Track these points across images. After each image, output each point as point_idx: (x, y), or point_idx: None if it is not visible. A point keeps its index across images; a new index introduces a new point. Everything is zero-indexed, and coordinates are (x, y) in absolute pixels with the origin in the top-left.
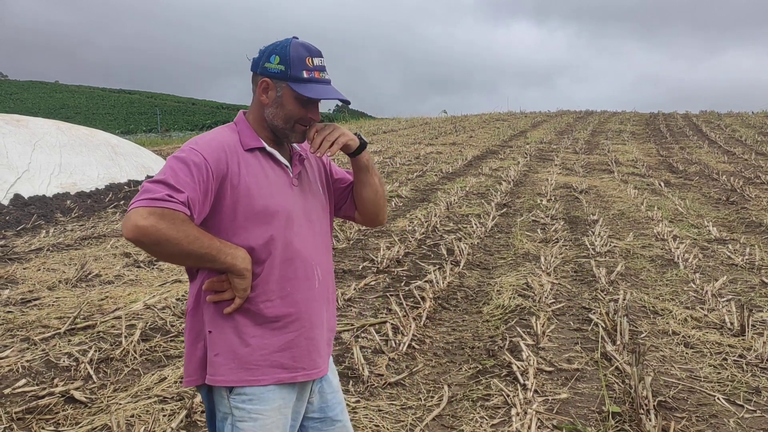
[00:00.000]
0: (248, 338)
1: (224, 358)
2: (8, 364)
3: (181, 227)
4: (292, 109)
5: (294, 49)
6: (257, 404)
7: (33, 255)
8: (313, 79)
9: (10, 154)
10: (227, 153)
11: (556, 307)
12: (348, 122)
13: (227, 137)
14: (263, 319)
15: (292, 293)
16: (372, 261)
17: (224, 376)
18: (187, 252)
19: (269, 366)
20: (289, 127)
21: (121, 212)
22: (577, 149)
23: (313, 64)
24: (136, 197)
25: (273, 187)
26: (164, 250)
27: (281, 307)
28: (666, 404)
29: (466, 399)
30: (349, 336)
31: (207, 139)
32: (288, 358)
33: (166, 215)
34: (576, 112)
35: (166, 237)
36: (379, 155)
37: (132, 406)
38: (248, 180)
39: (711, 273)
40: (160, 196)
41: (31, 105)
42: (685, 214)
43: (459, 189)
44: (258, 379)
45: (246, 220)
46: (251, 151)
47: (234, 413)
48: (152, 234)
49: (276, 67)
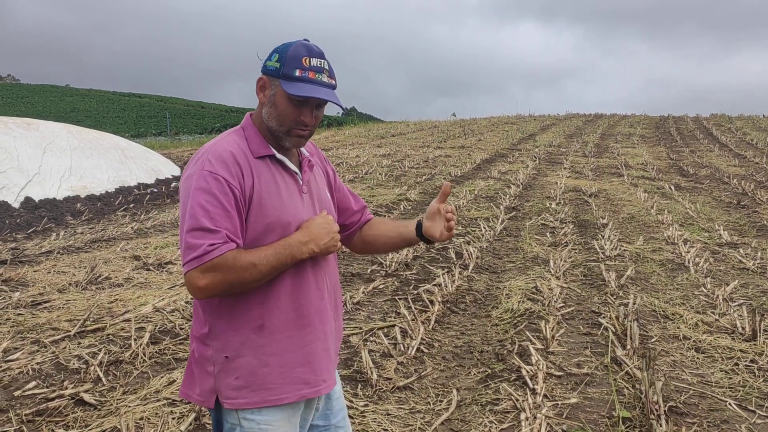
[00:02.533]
0: (267, 357)
1: (245, 381)
2: (18, 366)
3: (236, 265)
4: (284, 109)
5: (294, 48)
6: (266, 415)
7: (43, 258)
8: (305, 78)
9: (21, 157)
10: (241, 165)
11: (566, 311)
12: (356, 125)
13: (237, 146)
14: (279, 335)
15: (304, 305)
16: (380, 264)
17: (246, 399)
18: (263, 273)
19: (291, 383)
20: (284, 131)
21: (131, 215)
22: (587, 152)
23: (309, 64)
24: (183, 258)
25: (284, 196)
26: (238, 288)
27: (295, 320)
28: (677, 409)
29: (474, 403)
30: (357, 339)
31: (219, 152)
32: (309, 373)
33: (217, 266)
34: (585, 116)
35: (229, 281)
36: (388, 158)
37: (141, 409)
38: (261, 190)
39: (722, 277)
40: (203, 250)
41: (42, 108)
42: (696, 218)
43: (468, 192)
44: (281, 398)
45: (257, 232)
46: (261, 159)
47: (243, 425)
48: (217, 286)
49: (273, 65)
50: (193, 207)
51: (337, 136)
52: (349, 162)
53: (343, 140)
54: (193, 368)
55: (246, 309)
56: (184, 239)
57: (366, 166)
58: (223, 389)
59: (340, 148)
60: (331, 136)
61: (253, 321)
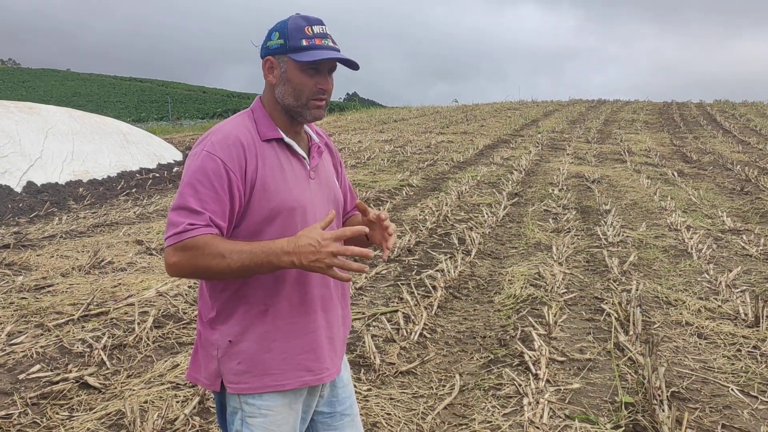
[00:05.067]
0: (270, 343)
1: (247, 366)
2: (23, 350)
3: (205, 250)
4: (300, 81)
5: (292, 22)
6: (268, 400)
7: (46, 242)
8: (314, 45)
9: (23, 141)
10: (245, 148)
11: (568, 297)
12: (358, 111)
13: (244, 129)
14: (283, 321)
15: (309, 292)
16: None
17: (248, 384)
18: (230, 267)
19: (293, 369)
20: (302, 104)
21: (133, 200)
22: (590, 138)
23: (312, 32)
24: (165, 232)
25: (290, 181)
26: (205, 274)
27: (299, 308)
28: (679, 395)
29: (477, 388)
30: (360, 324)
31: (223, 134)
32: (312, 360)
33: (188, 246)
34: (588, 101)
35: (195, 265)
36: (390, 144)
37: (145, 392)
38: (264, 174)
39: (725, 263)
40: (182, 228)
41: (43, 93)
42: (699, 204)
43: (470, 178)
44: (282, 383)
45: (261, 217)
46: (269, 142)
47: (244, 408)
48: (184, 267)
49: (276, 43)
50: (184, 185)
51: (339, 121)
52: (352, 148)
53: (345, 126)
54: (198, 351)
55: (251, 294)
56: (169, 215)
57: (368, 151)
58: (226, 373)
59: (342, 134)
60: (334, 122)
61: (257, 306)
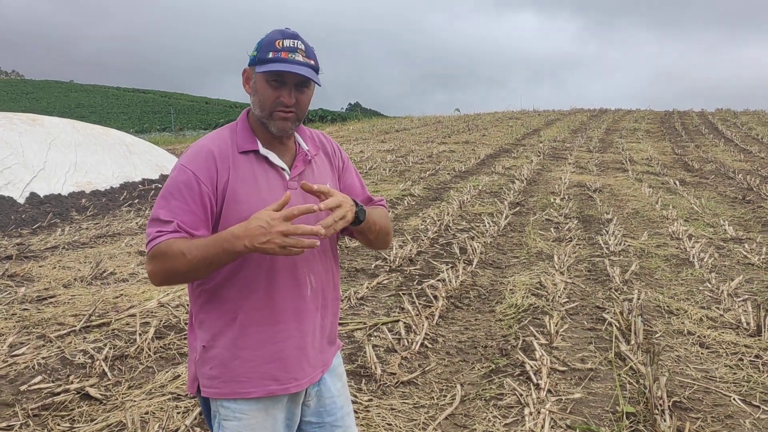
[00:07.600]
0: (238, 351)
1: (217, 371)
2: (24, 361)
3: (168, 253)
4: (263, 93)
5: (268, 35)
6: (241, 404)
7: (48, 253)
8: (278, 58)
9: (26, 152)
10: (216, 160)
11: (570, 306)
12: (360, 121)
13: (220, 141)
14: (252, 329)
15: (279, 302)
16: (384, 260)
17: (218, 389)
18: (192, 263)
19: (259, 378)
20: (266, 115)
21: (135, 211)
22: (591, 148)
23: (282, 45)
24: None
25: (263, 191)
26: (178, 278)
27: (269, 317)
28: (681, 404)
29: (478, 398)
30: (361, 334)
31: (197, 147)
32: (279, 370)
33: (158, 254)
34: (590, 111)
35: (166, 269)
36: (392, 154)
37: (146, 403)
38: (236, 185)
39: (727, 272)
40: (152, 237)
41: (47, 104)
42: (701, 213)
43: (472, 188)
44: (248, 391)
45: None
46: (245, 154)
47: (219, 411)
48: (158, 274)
49: (252, 55)
50: (158, 198)
51: (341, 131)
52: (354, 158)
53: (347, 136)
54: (189, 358)
55: (222, 301)
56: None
57: (370, 161)
58: (201, 377)
59: (344, 144)
60: (335, 132)
61: (228, 313)
